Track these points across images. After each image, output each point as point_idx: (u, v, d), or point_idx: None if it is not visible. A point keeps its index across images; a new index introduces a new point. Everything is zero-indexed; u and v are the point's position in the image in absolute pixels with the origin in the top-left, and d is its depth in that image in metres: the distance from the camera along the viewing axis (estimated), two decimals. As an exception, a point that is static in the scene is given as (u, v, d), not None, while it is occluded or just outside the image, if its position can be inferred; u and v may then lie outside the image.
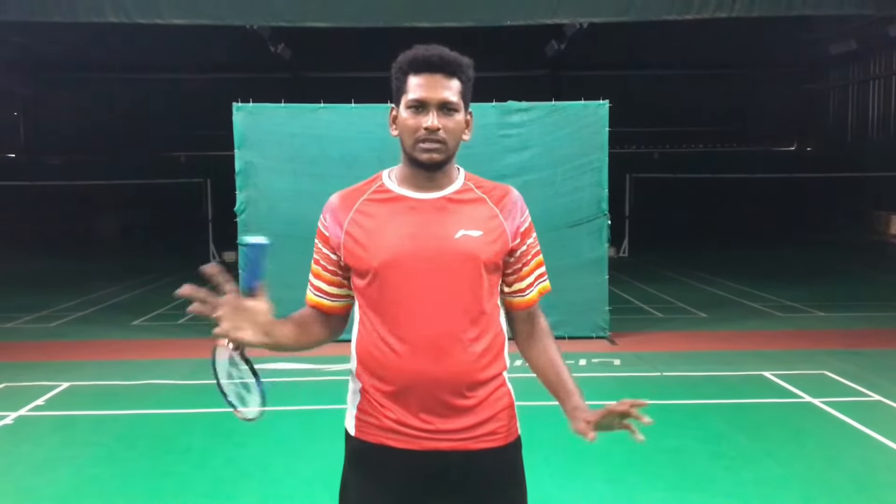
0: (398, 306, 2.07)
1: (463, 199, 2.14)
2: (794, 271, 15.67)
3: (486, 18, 9.05)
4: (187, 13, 9.16)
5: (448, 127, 2.05)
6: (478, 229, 2.10)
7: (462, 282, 2.08)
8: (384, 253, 2.07)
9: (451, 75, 2.06)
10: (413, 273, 2.06)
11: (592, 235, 9.06)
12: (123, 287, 14.17)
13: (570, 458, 5.28)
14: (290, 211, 8.86)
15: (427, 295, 2.06)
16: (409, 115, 2.06)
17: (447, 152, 2.08)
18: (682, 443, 5.60)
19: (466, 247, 2.07)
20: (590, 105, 9.01)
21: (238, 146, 8.90)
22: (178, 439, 5.89)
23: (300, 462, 5.31)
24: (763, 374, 7.46)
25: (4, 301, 12.69)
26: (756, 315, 10.80)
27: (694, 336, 9.54)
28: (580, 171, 8.98)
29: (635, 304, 11.93)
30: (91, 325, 10.70)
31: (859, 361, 7.92)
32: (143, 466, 5.28)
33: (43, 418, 6.42)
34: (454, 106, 2.06)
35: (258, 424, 2.33)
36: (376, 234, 2.09)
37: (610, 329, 9.18)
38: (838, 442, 5.63)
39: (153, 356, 8.70)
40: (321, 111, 8.99)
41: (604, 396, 7.22)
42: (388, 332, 2.09)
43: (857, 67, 24.37)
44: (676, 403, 6.65)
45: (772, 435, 5.75)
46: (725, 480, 4.90)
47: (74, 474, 5.14)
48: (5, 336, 9.97)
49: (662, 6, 9.28)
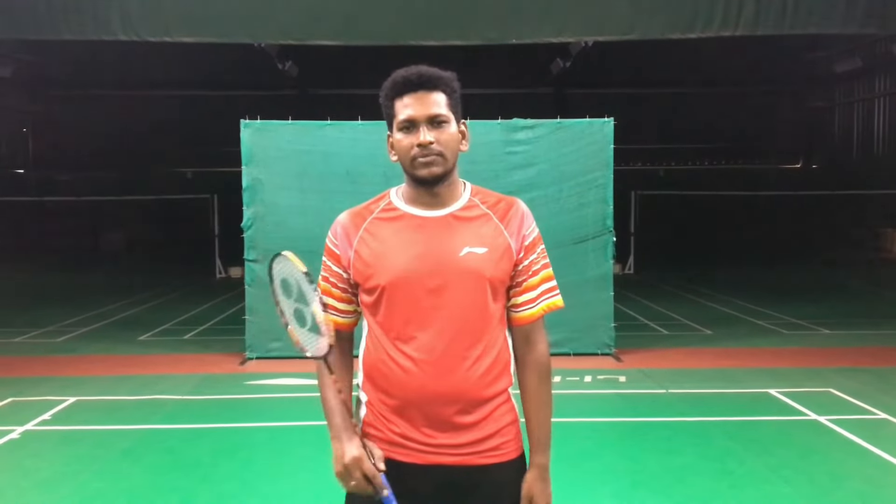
0: (404, 323, 2.11)
1: (468, 217, 2.16)
2: (799, 288, 15.64)
3: (493, 37, 9.12)
4: (195, 31, 9.25)
5: (441, 139, 2.09)
6: (483, 246, 2.13)
7: (466, 299, 2.11)
8: (391, 271, 2.11)
9: (434, 89, 2.11)
10: (419, 291, 2.10)
11: (598, 252, 9.08)
12: (129, 302, 14.23)
13: (577, 476, 5.28)
14: (297, 226, 8.90)
15: (432, 312, 2.10)
16: (402, 136, 2.12)
17: (445, 165, 2.11)
18: (687, 461, 5.59)
19: (471, 264, 2.11)
20: (595, 122, 9.06)
21: (245, 163, 8.96)
22: (185, 454, 5.90)
23: (307, 477, 5.30)
24: (769, 392, 7.45)
25: (12, 316, 12.74)
26: (761, 332, 10.78)
27: (699, 353, 9.53)
28: (585, 188, 9.02)
29: (640, 320, 11.92)
30: (97, 340, 10.73)
31: (864, 379, 7.90)
32: (149, 482, 5.30)
33: (49, 433, 6.44)
34: (443, 118, 2.10)
35: (264, 440, 2.35)
36: (384, 252, 2.13)
37: (615, 346, 9.18)
38: (844, 460, 5.61)
39: (159, 371, 8.73)
40: (327, 128, 9.06)
41: (609, 413, 7.27)
42: (393, 347, 2.13)
43: (862, 85, 24.41)
44: (682, 420, 6.65)
45: (777, 453, 5.73)
46: (731, 498, 4.90)
47: (80, 490, 5.15)
48: (13, 350, 10.01)
49: (666, 25, 9.34)
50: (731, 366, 8.73)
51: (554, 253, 8.98)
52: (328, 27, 9.27)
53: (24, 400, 7.36)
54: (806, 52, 23.11)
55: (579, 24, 9.38)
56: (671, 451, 5.85)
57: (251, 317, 9.07)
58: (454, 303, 2.10)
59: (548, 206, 8.94)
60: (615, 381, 8.10)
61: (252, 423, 6.79)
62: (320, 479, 5.19)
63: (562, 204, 9.04)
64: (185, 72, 23.29)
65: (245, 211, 9.01)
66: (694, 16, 9.18)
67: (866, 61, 22.67)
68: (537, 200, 8.86)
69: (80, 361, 9.30)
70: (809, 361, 8.89)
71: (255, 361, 8.93)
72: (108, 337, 10.91)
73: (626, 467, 5.55)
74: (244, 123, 9.00)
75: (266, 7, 9.17)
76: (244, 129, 8.99)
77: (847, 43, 21.77)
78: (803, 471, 5.36)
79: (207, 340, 10.71)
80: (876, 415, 6.67)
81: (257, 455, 5.93)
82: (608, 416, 7.02)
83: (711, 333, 10.81)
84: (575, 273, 9.00)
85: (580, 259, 9.06)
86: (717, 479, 5.23)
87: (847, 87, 25.11)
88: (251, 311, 9.07)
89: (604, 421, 6.84)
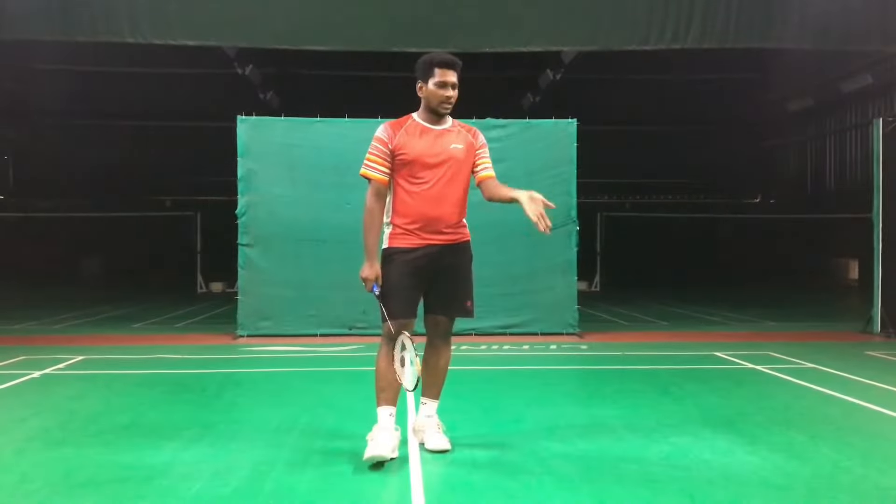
0: (419, 179, 4.15)
1: (453, 130, 4.27)
2: (753, 300, 16.55)
3: (467, 45, 10.08)
4: (196, 35, 10.10)
5: (455, 96, 4.18)
6: (460, 144, 4.24)
7: (452, 169, 4.20)
8: (416, 151, 4.13)
9: (456, 69, 4.16)
10: (429, 163, 4.15)
11: (563, 240, 9.91)
12: (117, 307, 14.75)
13: (544, 393, 6.05)
14: (288, 215, 9.72)
15: (433, 175, 4.16)
16: (437, 89, 4.12)
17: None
18: (636, 386, 6.43)
19: (455, 152, 4.20)
20: (560, 123, 10.04)
21: (241, 154, 9.77)
22: (194, 385, 6.61)
23: (306, 399, 6.04)
24: (715, 354, 8.29)
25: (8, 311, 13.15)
26: (713, 325, 11.64)
27: (654, 335, 10.41)
28: (552, 182, 9.88)
29: (603, 317, 12.76)
30: (94, 327, 11.35)
31: (800, 348, 8.74)
32: (165, 399, 5.99)
33: (66, 375, 7.09)
34: (457, 85, 4.18)
35: (261, 379, 3.21)
36: (412, 142, 4.14)
37: (579, 326, 10.00)
38: (770, 386, 6.51)
39: (159, 343, 9.36)
40: (317, 124, 9.94)
41: (572, 363, 8.10)
42: (413, 191, 4.15)
43: (814, 123, 25.79)
44: (635, 368, 7.50)
45: (715, 384, 6.54)
46: (672, 404, 5.73)
47: (103, 400, 5.86)
48: (12, 333, 10.50)
49: (624, 38, 10.40)
50: (684, 340, 9.60)
51: (523, 241, 9.97)
52: (318, 34, 10.20)
53: (35, 357, 7.96)
54: (761, 92, 24.50)
55: (546, 36, 10.40)
56: (623, 380, 6.73)
57: (243, 297, 9.77)
58: (447, 171, 4.17)
59: (517, 197, 9.82)
60: (577, 348, 8.95)
61: (250, 370, 7.53)
62: (313, 398, 5.93)
63: (530, 196, 9.91)
64: (167, 102, 24.03)
65: (240, 199, 9.78)
66: (648, 30, 10.24)
67: (817, 100, 24.09)
68: (508, 193, 9.76)
69: (81, 338, 9.89)
70: (754, 339, 9.76)
71: (246, 338, 9.60)
72: (103, 326, 11.51)
73: (585, 388, 6.37)
74: (240, 119, 9.84)
75: (260, 15, 10.08)
76: (240, 124, 9.81)
77: (799, 83, 23.15)
78: (735, 393, 6.20)
79: (199, 327, 11.40)
80: (803, 365, 7.54)
81: (258, 387, 6.69)
82: (571, 366, 7.88)
83: (667, 324, 11.70)
84: (542, 259, 9.88)
85: (547, 247, 9.83)
86: (661, 395, 6.07)
87: (800, 125, 26.49)
88: (243, 292, 9.78)
89: (567, 368, 7.69)
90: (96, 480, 3.82)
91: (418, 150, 4.11)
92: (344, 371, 7.47)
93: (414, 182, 4.13)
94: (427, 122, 4.21)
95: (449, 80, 4.11)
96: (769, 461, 4.13)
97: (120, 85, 23.09)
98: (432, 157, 4.12)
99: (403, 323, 4.07)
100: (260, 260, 9.71)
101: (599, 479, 3.82)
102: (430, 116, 4.21)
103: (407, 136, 4.14)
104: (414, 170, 4.12)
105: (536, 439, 4.58)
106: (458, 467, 4.04)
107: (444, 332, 4.32)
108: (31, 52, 19.51)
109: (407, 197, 4.14)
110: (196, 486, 3.71)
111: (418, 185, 4.12)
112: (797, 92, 24.40)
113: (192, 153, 25.52)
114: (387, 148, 4.13)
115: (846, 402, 5.77)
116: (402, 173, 4.14)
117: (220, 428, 4.90)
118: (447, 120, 4.26)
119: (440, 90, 4.11)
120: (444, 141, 4.18)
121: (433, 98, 4.13)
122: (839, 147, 24.50)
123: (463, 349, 8.55)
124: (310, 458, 4.19)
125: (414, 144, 4.12)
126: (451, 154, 4.16)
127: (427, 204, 4.12)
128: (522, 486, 3.73)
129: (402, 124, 4.20)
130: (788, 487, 3.71)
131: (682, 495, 3.58)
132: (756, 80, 23.94)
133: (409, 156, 4.10)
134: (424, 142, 4.14)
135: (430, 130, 4.19)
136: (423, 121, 4.22)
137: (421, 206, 4.11)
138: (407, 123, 4.21)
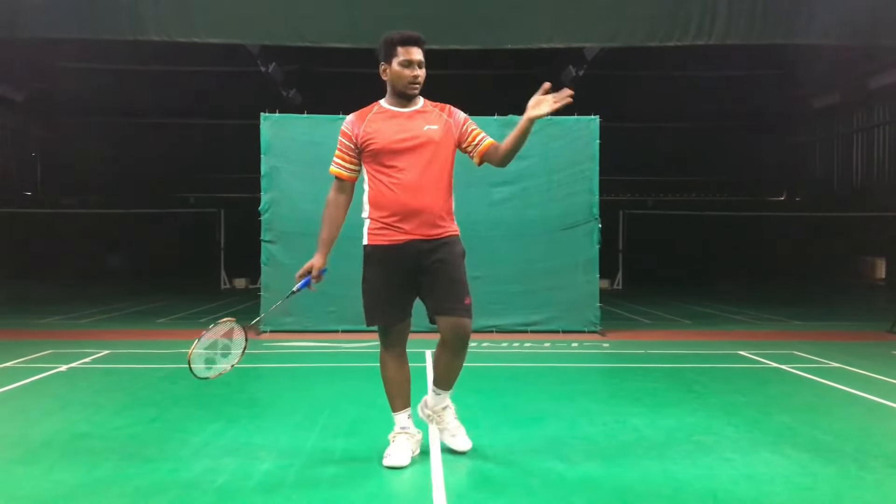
0: (393, 168, 3.82)
1: (425, 111, 3.95)
2: (778, 298, 16.41)
3: (490, 42, 10.09)
4: (220, 33, 10.20)
5: (422, 74, 3.86)
6: (435, 125, 3.90)
7: (427, 154, 3.85)
8: (385, 139, 3.82)
9: (420, 45, 3.83)
10: (401, 148, 3.82)
11: (585, 238, 9.88)
12: (142, 302, 14.90)
13: (564, 391, 6.05)
14: (309, 211, 9.65)
15: (409, 161, 3.82)
16: (402, 69, 3.81)
17: (420, 88, 3.90)
18: (659, 385, 6.38)
19: (429, 134, 3.86)
20: (582, 119, 9.99)
21: (264, 152, 9.84)
22: (217, 379, 6.59)
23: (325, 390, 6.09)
24: (739, 353, 8.23)
25: (33, 305, 13.38)
26: (736, 323, 11.55)
27: (677, 333, 10.34)
28: (573, 179, 9.88)
29: (626, 315, 12.70)
30: (119, 322, 11.48)
31: (825, 347, 8.66)
32: (190, 393, 6.03)
33: (92, 369, 7.18)
34: (423, 63, 3.86)
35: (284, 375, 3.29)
36: (380, 128, 3.84)
37: (600, 324, 9.95)
38: (794, 385, 6.44)
39: (183, 339, 9.42)
40: (339, 121, 9.89)
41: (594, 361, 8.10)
42: (389, 181, 3.83)
43: (840, 120, 25.48)
44: (658, 367, 7.45)
45: (739, 382, 6.51)
46: (693, 401, 5.69)
47: (130, 395, 5.93)
48: (40, 327, 10.66)
49: (646, 34, 10.31)
50: (707, 339, 9.53)
51: (544, 238, 9.99)
52: (341, 31, 10.25)
53: (62, 352, 8.07)
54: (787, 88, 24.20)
55: (568, 32, 10.36)
56: (645, 378, 6.67)
57: (266, 293, 9.83)
58: (421, 156, 3.84)
59: (539, 195, 9.81)
60: (599, 346, 8.91)
61: (273, 364, 7.59)
62: (334, 393, 5.97)
63: (551, 193, 9.89)
64: (193, 100, 24.20)
65: (263, 195, 9.85)
66: (671, 26, 10.17)
67: (844, 97, 23.78)
68: (529, 190, 9.76)
69: (107, 333, 10.01)
70: (778, 338, 9.68)
71: (269, 333, 9.66)
72: (128, 321, 11.64)
73: (607, 386, 6.35)
74: (264, 116, 9.90)
75: (284, 13, 10.16)
76: (264, 122, 9.88)
77: (825, 79, 22.87)
78: (759, 392, 6.15)
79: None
80: (828, 364, 7.46)
81: (281, 382, 6.73)
82: (592, 362, 7.85)
83: (689, 322, 11.62)
84: (564, 257, 9.84)
85: (569, 244, 9.87)
86: (684, 393, 6.02)
87: (826, 122, 26.19)
88: (266, 288, 9.84)
89: (588, 366, 7.67)
90: (122, 473, 3.87)
91: (387, 136, 3.80)
92: (364, 367, 7.47)
93: (388, 171, 3.80)
94: (395, 106, 3.90)
95: (414, 58, 3.79)
96: (793, 460, 4.10)
97: (145, 83, 23.24)
98: (404, 141, 3.79)
99: (387, 329, 3.98)
100: (282, 256, 9.76)
101: (621, 477, 3.81)
102: (398, 100, 3.90)
103: (373, 123, 3.85)
104: (386, 157, 3.81)
105: (557, 436, 4.57)
106: (478, 463, 4.04)
107: (462, 336, 3.89)
108: (57, 51, 19.71)
109: (383, 188, 3.81)
110: (220, 480, 3.75)
111: (394, 173, 3.79)
112: (823, 88, 24.10)
113: (215, 150, 25.69)
114: (350, 142, 3.90)
115: (871, 402, 5.71)
116: (375, 163, 3.85)
117: (244, 422, 4.96)
118: (418, 101, 3.94)
119: (406, 70, 3.79)
120: (415, 123, 3.85)
121: (399, 79, 3.82)
122: (866, 144, 24.20)
123: (484, 346, 8.56)
124: (332, 452, 4.23)
125: (382, 131, 3.81)
126: (427, 136, 3.83)
127: (406, 193, 3.78)
128: (543, 482, 3.73)
129: (367, 113, 3.91)
130: (813, 487, 3.67)
131: (706, 493, 3.56)
132: (781, 77, 23.65)
133: (378, 143, 3.80)
134: (393, 126, 3.82)
135: (398, 114, 3.87)
136: (390, 105, 3.91)
137: (399, 197, 3.78)
138: (373, 111, 3.91)
